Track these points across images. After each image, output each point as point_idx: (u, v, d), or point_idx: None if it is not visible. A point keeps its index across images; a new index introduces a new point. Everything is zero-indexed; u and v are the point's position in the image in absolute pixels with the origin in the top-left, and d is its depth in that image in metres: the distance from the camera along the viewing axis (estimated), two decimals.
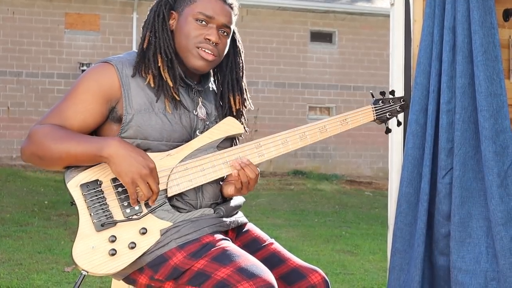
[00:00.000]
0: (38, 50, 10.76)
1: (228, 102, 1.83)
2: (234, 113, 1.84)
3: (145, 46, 1.73)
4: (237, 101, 1.84)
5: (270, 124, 11.27)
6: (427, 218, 2.60)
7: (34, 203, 7.31)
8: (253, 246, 1.80)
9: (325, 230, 6.64)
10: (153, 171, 1.63)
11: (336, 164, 11.97)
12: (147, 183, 1.62)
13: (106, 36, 11.08)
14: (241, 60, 1.87)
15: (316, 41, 12.03)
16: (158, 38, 1.73)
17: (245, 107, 1.87)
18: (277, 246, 1.83)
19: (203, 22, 1.72)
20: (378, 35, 12.03)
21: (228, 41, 1.79)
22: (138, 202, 1.66)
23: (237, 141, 1.87)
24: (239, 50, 1.87)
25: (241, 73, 1.86)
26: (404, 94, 2.73)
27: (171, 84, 1.71)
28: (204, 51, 1.72)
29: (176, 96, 1.72)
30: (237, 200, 1.85)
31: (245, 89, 1.87)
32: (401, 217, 2.69)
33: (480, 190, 2.59)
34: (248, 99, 1.87)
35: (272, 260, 1.76)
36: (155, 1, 1.79)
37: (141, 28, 1.78)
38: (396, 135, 2.80)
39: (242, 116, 1.87)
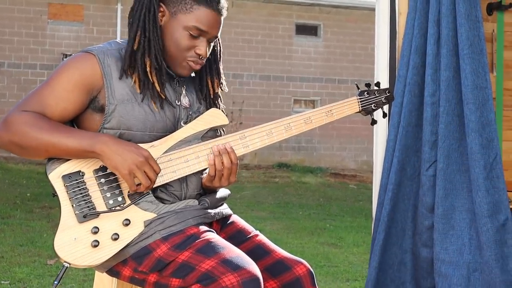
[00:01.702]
0: (21, 41, 10.63)
1: (206, 86, 1.83)
2: (212, 96, 1.83)
3: (135, 47, 1.70)
4: (215, 84, 1.84)
5: (255, 117, 11.26)
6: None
7: (16, 195, 7.24)
8: (238, 238, 1.79)
9: (309, 222, 6.65)
10: (148, 159, 1.62)
11: (321, 157, 12.01)
12: (144, 171, 1.61)
13: (90, 27, 10.97)
14: (218, 43, 1.85)
15: (301, 34, 12.03)
16: (148, 39, 1.70)
17: (222, 90, 1.87)
18: (262, 238, 1.82)
19: (195, 35, 1.71)
20: (363, 28, 12.05)
21: (212, 45, 1.79)
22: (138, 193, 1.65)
23: (222, 132, 1.86)
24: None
25: (218, 56, 1.86)
26: (389, 86, 2.74)
27: (158, 88, 1.70)
28: (193, 62, 1.73)
29: (162, 96, 1.71)
30: (222, 192, 1.84)
31: (221, 72, 1.87)
32: (379, 208, 2.72)
33: (463, 183, 2.61)
34: (224, 82, 1.87)
35: (257, 252, 1.75)
36: None
37: (128, 19, 1.74)
38: (381, 127, 2.81)
39: (219, 98, 1.86)
